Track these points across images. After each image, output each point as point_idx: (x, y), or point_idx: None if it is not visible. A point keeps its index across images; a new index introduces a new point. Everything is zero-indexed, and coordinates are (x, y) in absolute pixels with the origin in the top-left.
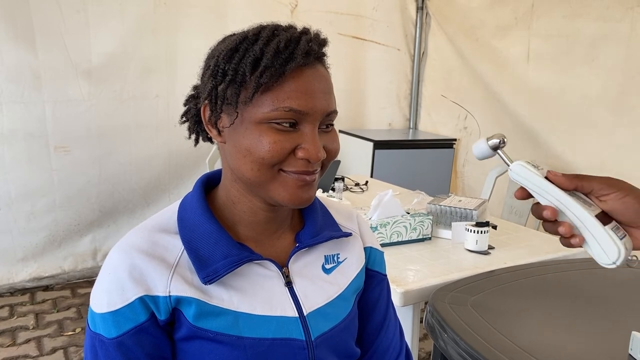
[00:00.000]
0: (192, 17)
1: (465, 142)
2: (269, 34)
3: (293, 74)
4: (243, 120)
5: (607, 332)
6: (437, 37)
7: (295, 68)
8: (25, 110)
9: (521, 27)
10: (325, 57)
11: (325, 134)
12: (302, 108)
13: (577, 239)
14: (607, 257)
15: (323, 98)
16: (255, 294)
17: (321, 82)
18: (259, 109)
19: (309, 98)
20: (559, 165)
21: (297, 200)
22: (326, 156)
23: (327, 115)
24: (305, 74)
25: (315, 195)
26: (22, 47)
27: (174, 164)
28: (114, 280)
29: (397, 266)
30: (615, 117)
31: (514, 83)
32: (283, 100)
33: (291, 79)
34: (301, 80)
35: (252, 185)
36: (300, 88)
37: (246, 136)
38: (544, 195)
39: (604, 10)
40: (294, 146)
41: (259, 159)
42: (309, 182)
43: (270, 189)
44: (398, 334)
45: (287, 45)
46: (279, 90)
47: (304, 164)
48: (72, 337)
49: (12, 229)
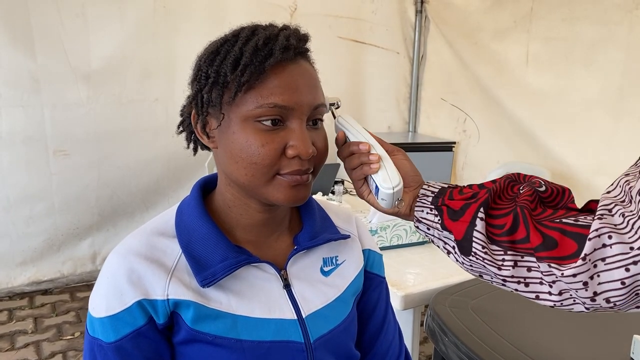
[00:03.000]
0: (191, 21)
1: (465, 145)
2: (248, 33)
3: (275, 70)
4: (230, 121)
5: (609, 335)
6: (436, 40)
7: (276, 64)
8: (24, 114)
9: (520, 30)
10: (308, 52)
11: (314, 131)
12: (287, 103)
13: (375, 165)
14: (390, 182)
15: (308, 92)
16: (253, 297)
17: (305, 77)
18: (243, 107)
19: (292, 93)
20: (558, 167)
21: (292, 199)
22: (316, 155)
23: (315, 109)
24: (288, 69)
25: (313, 197)
26: (20, 51)
27: (172, 168)
28: (112, 284)
29: (397, 269)
30: (614, 120)
31: (513, 86)
32: (267, 96)
33: (273, 75)
34: (283, 75)
35: (247, 189)
36: (283, 84)
37: (235, 139)
38: (360, 138)
39: (602, 13)
40: (284, 145)
41: (251, 164)
42: (302, 182)
43: (264, 191)
44: (397, 336)
45: (266, 42)
46: (261, 88)
47: (297, 163)
48: (71, 341)
49: (11, 233)
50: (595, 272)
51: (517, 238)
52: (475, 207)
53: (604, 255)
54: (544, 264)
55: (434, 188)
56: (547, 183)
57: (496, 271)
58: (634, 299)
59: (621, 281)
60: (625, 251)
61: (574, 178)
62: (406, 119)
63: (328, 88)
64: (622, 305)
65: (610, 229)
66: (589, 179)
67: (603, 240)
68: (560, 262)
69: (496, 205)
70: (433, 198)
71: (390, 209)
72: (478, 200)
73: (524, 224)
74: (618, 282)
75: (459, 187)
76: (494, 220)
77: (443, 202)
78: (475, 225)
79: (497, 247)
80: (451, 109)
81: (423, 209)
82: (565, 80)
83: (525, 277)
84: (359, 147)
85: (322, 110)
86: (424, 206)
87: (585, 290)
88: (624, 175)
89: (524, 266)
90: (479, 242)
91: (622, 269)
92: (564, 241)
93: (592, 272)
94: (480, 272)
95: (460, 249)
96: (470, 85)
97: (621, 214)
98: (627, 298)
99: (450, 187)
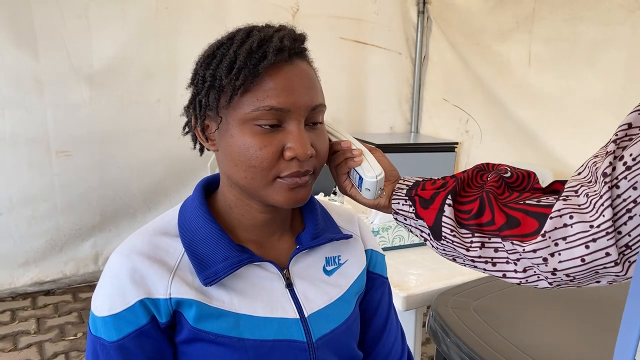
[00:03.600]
0: (194, 22)
1: (467, 145)
2: (243, 36)
3: (270, 72)
4: (228, 124)
5: (613, 337)
6: (438, 41)
7: (271, 66)
8: (26, 115)
9: (522, 31)
10: (306, 52)
11: (313, 132)
12: (283, 105)
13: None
14: (373, 171)
15: (305, 93)
16: (255, 296)
17: (301, 78)
18: (240, 110)
19: (289, 94)
20: (561, 168)
21: (292, 201)
22: (316, 156)
23: (313, 109)
24: (283, 71)
25: (315, 197)
26: (23, 52)
27: (175, 168)
28: (114, 283)
29: (399, 270)
30: (617, 120)
31: (515, 87)
32: (263, 99)
33: (268, 78)
34: (279, 77)
35: (247, 191)
36: (279, 85)
37: (233, 142)
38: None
39: (605, 13)
40: (281, 147)
41: (250, 167)
42: (302, 183)
43: (264, 194)
44: (400, 337)
45: (260, 44)
46: (257, 90)
47: (296, 165)
48: (73, 342)
49: (13, 234)
50: (556, 250)
51: (484, 221)
52: (444, 195)
53: (565, 234)
54: (507, 242)
55: (409, 182)
56: (512, 169)
57: (465, 252)
58: (593, 275)
59: (581, 258)
60: (585, 229)
61: None
62: (408, 120)
63: (330, 88)
64: (581, 280)
65: (572, 209)
66: None
67: (564, 220)
68: (523, 239)
69: (465, 193)
70: (407, 190)
71: (372, 200)
72: (447, 189)
73: (489, 207)
74: (578, 260)
75: (432, 180)
76: (462, 207)
77: (416, 192)
78: (444, 211)
79: (465, 230)
80: (453, 109)
81: (399, 201)
82: (568, 80)
83: (492, 257)
84: (342, 145)
85: (320, 110)
86: (399, 198)
87: (545, 266)
88: (593, 157)
89: (490, 247)
90: (448, 226)
91: (582, 246)
92: (526, 220)
93: (553, 250)
94: (452, 255)
95: (433, 235)
96: (473, 85)
97: (585, 194)
98: (587, 274)
99: (424, 180)
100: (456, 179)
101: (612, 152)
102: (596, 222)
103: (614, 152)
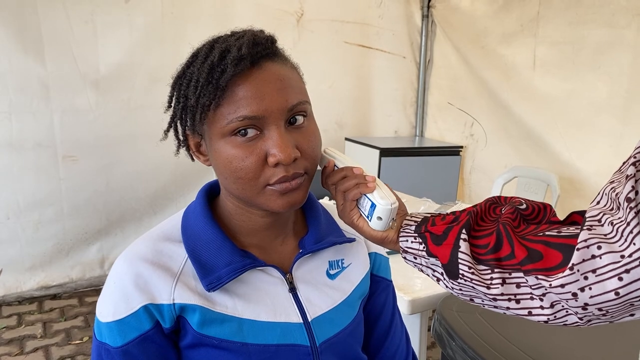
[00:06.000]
0: (199, 27)
1: (472, 149)
2: (207, 51)
3: (237, 82)
4: (211, 140)
5: (618, 340)
6: (442, 45)
7: (237, 76)
8: (33, 120)
9: (527, 34)
10: (276, 52)
11: (297, 133)
12: (256, 113)
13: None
14: (388, 199)
15: (277, 95)
16: (259, 301)
17: (271, 81)
18: (217, 124)
19: (260, 101)
20: (566, 171)
21: (286, 206)
22: (302, 156)
23: (290, 110)
24: (251, 77)
25: (318, 201)
26: (30, 58)
27: (180, 173)
28: (119, 289)
29: (404, 274)
30: (622, 123)
31: (520, 90)
32: (235, 111)
33: (237, 88)
34: (247, 86)
35: (242, 200)
36: (248, 94)
37: (218, 156)
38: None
39: (609, 16)
40: (264, 155)
41: (238, 179)
42: (293, 187)
43: (258, 202)
44: (404, 340)
45: (221, 58)
46: (229, 103)
47: (282, 170)
48: (79, 346)
49: (20, 238)
50: (587, 284)
51: (503, 255)
52: (458, 229)
53: (594, 266)
54: (531, 276)
55: (417, 218)
56: (527, 201)
57: (485, 290)
58: (628, 308)
59: (615, 291)
60: (616, 260)
61: (582, 182)
62: (413, 124)
63: (334, 92)
64: (614, 314)
65: (599, 239)
66: (596, 183)
67: (592, 251)
68: (548, 273)
69: (479, 227)
70: (416, 227)
71: (381, 232)
72: (460, 223)
73: (508, 240)
74: (612, 293)
75: (441, 215)
76: (478, 241)
77: (426, 229)
78: (459, 246)
79: (483, 266)
80: (458, 113)
81: (407, 238)
82: (573, 83)
83: (515, 294)
84: (353, 170)
85: (301, 107)
86: (408, 235)
87: (575, 301)
88: (609, 183)
89: (512, 282)
90: (465, 263)
91: (614, 278)
92: (549, 253)
93: (583, 284)
94: (470, 295)
95: (448, 274)
96: (477, 89)
97: (610, 222)
98: (621, 307)
99: (433, 215)
100: (469, 213)
101: (632, 176)
102: (627, 251)
103: (635, 175)
